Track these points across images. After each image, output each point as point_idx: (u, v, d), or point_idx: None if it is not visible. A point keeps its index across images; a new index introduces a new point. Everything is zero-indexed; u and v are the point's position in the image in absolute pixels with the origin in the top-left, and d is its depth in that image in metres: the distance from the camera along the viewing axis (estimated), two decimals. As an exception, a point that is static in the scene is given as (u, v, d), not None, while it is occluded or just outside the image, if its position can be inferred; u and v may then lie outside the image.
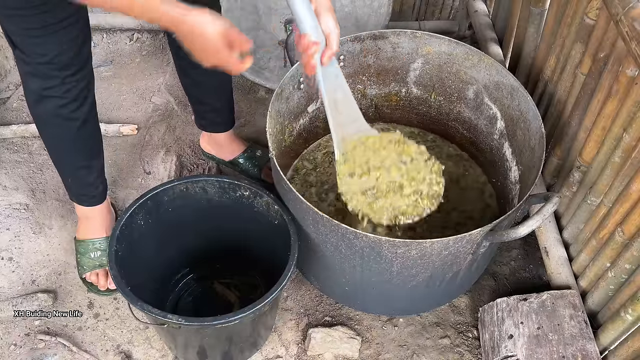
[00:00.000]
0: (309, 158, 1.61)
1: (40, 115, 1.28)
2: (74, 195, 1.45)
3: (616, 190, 1.13)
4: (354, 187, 1.21)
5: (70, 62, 1.18)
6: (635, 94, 1.02)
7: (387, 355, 1.39)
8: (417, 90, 1.57)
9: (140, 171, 1.73)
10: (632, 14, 0.96)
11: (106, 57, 2.02)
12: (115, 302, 1.46)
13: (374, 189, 1.20)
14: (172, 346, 1.33)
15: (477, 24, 1.85)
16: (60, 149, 1.35)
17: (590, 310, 1.29)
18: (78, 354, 1.37)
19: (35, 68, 1.17)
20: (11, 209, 1.61)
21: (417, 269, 1.19)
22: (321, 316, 1.45)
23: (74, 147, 1.34)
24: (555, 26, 1.33)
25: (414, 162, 1.23)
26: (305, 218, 1.21)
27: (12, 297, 1.45)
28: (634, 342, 1.12)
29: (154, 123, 1.84)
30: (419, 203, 1.20)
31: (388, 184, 1.20)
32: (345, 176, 1.22)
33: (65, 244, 1.55)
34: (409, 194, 1.20)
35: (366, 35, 1.44)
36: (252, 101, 1.93)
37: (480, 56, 1.40)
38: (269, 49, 1.82)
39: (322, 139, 1.64)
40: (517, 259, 1.57)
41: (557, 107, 1.37)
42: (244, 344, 1.31)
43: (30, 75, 1.20)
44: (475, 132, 1.54)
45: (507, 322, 1.29)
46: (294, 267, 1.17)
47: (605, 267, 1.20)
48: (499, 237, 1.11)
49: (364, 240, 1.12)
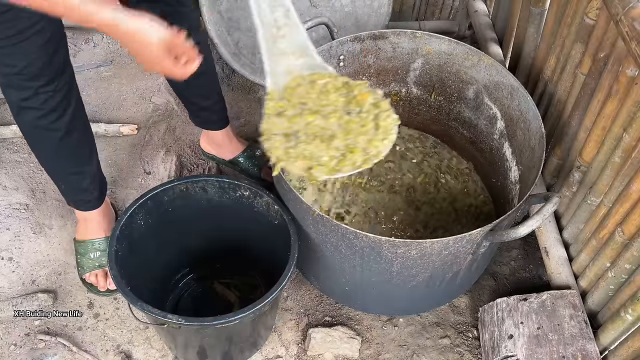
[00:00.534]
0: None
1: (21, 126, 1.25)
2: (70, 200, 1.44)
3: (616, 190, 1.13)
4: (278, 127, 1.02)
5: (40, 73, 1.13)
6: (635, 94, 1.02)
7: (387, 355, 1.39)
8: (417, 90, 1.57)
9: (140, 171, 1.73)
10: (632, 14, 0.96)
11: (106, 57, 2.02)
12: (115, 302, 1.46)
13: (299, 133, 1.00)
14: (172, 346, 1.33)
15: (477, 24, 1.85)
16: (45, 158, 1.33)
17: (590, 310, 1.29)
18: (78, 354, 1.37)
19: (8, 79, 1.14)
20: (11, 209, 1.61)
21: (417, 269, 1.19)
22: (321, 316, 1.45)
23: (59, 156, 1.31)
24: (555, 26, 1.33)
25: (361, 115, 1.02)
26: (305, 218, 1.21)
27: (12, 297, 1.45)
28: (634, 342, 1.12)
29: (154, 123, 1.84)
30: (345, 159, 0.98)
31: (318, 130, 1.00)
32: (273, 115, 1.03)
33: (65, 244, 1.55)
34: (338, 147, 0.99)
35: (366, 35, 1.44)
36: (252, 101, 1.93)
37: (480, 56, 1.40)
38: (269, 49, 1.81)
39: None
40: (517, 259, 1.57)
41: (557, 107, 1.37)
42: (244, 344, 1.31)
43: (5, 86, 1.17)
44: (475, 132, 1.54)
45: (507, 322, 1.29)
46: (294, 267, 1.17)
47: (605, 267, 1.20)
48: (499, 237, 1.11)
49: (364, 240, 1.12)
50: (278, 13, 1.00)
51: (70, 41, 2.01)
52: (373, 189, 1.55)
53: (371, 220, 1.50)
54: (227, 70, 1.99)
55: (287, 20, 1.01)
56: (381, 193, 1.55)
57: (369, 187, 1.55)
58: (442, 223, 1.50)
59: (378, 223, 1.49)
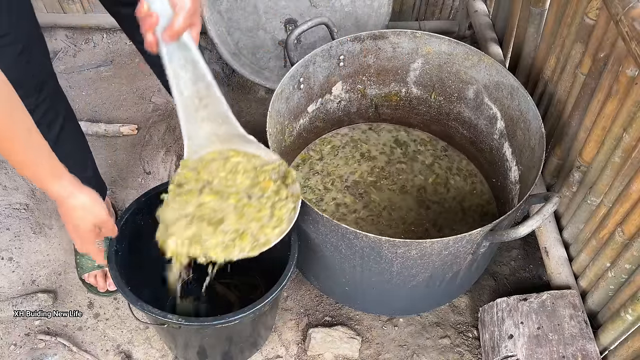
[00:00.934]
0: (315, 149, 1.64)
1: None
2: None
3: (616, 190, 1.13)
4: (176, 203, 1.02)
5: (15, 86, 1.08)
6: (635, 94, 1.02)
7: (387, 355, 1.39)
8: (417, 90, 1.57)
9: (140, 171, 1.73)
10: (632, 14, 0.96)
11: (106, 57, 2.02)
12: (115, 302, 1.46)
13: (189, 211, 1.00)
14: (172, 346, 1.33)
15: (477, 24, 1.85)
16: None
17: (590, 310, 1.29)
18: (78, 354, 1.37)
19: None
20: (11, 209, 1.62)
21: (417, 269, 1.19)
22: (321, 316, 1.45)
23: None
24: (555, 26, 1.33)
25: (261, 200, 1.02)
26: (305, 218, 1.21)
27: (12, 297, 1.45)
28: (634, 342, 1.12)
29: (154, 123, 1.84)
30: (234, 244, 0.99)
31: (210, 212, 1.00)
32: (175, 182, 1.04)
33: (65, 244, 1.55)
34: (226, 231, 0.99)
35: (366, 35, 1.44)
36: (252, 101, 1.93)
37: (480, 56, 1.40)
38: (269, 49, 1.82)
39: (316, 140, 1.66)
40: (517, 259, 1.57)
41: (557, 107, 1.37)
42: (244, 344, 1.31)
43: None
44: (475, 132, 1.54)
45: (507, 322, 1.29)
46: (294, 267, 1.17)
47: (605, 267, 1.20)
48: (499, 237, 1.11)
49: (364, 240, 1.12)
50: (200, 86, 0.99)
51: (70, 41, 2.01)
52: (385, 187, 1.56)
53: (382, 220, 1.50)
54: (227, 70, 1.99)
55: (209, 92, 1.00)
56: (393, 192, 1.56)
57: (380, 186, 1.56)
58: (449, 222, 1.51)
59: (388, 224, 1.50)
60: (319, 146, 1.64)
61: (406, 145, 1.65)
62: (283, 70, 1.83)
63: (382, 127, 1.69)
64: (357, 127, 1.69)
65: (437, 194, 1.55)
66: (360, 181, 1.57)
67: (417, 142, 1.66)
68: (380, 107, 1.64)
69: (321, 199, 1.53)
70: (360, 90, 1.58)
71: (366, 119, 1.68)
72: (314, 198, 1.54)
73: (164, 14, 0.89)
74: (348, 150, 1.63)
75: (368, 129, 1.68)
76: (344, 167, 1.59)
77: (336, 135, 1.66)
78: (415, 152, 1.64)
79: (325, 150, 1.63)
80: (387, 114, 1.66)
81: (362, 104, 1.61)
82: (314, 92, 1.49)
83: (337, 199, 1.53)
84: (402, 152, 1.63)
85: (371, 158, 1.62)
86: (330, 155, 1.62)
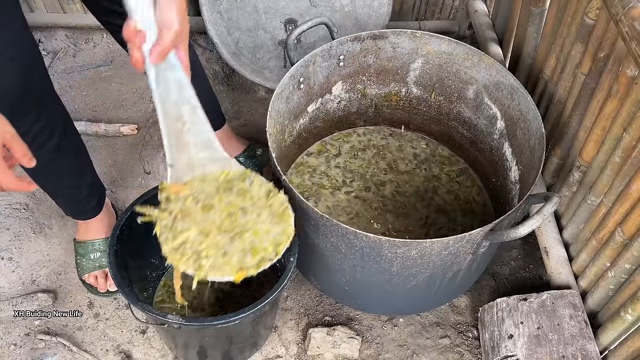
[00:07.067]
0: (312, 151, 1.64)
1: None
2: (68, 212, 1.44)
3: (616, 190, 1.13)
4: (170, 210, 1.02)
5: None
6: (635, 94, 1.02)
7: (387, 355, 1.39)
8: (417, 90, 1.57)
9: (140, 171, 1.73)
10: (632, 14, 0.96)
11: (106, 57, 2.02)
12: (115, 302, 1.46)
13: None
14: (172, 346, 1.33)
15: (477, 24, 1.85)
16: (36, 178, 1.23)
17: (590, 310, 1.29)
18: (78, 354, 1.37)
19: None
20: (11, 209, 1.62)
21: (417, 268, 1.19)
22: (321, 316, 1.45)
23: (49, 177, 1.27)
24: (555, 26, 1.33)
25: (253, 215, 1.03)
26: (305, 218, 1.21)
27: (12, 297, 1.45)
28: (634, 342, 1.12)
29: (154, 123, 1.84)
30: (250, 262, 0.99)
31: (214, 243, 0.99)
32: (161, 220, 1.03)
33: (65, 244, 1.55)
34: (239, 251, 0.99)
35: (366, 35, 1.44)
36: (252, 101, 1.93)
37: (480, 56, 1.40)
38: (269, 49, 1.82)
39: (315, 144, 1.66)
40: (517, 259, 1.57)
41: (557, 107, 1.37)
42: (244, 344, 1.31)
43: None
44: (475, 132, 1.54)
45: (507, 322, 1.29)
46: (294, 267, 1.17)
47: (605, 267, 1.20)
48: (499, 237, 1.11)
49: (364, 240, 1.12)
50: (184, 109, 0.97)
51: (70, 41, 2.01)
52: (387, 186, 1.57)
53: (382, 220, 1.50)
54: (227, 70, 1.99)
55: (193, 116, 0.98)
56: (394, 192, 1.56)
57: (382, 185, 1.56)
58: (449, 222, 1.51)
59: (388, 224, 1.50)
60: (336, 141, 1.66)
61: (418, 156, 1.65)
62: (283, 70, 1.83)
63: (384, 132, 1.69)
64: (381, 130, 1.70)
65: (437, 194, 1.55)
66: (364, 179, 1.57)
67: (437, 157, 1.66)
68: (380, 107, 1.64)
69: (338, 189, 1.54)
70: (360, 90, 1.58)
71: (366, 119, 1.68)
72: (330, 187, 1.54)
73: (151, 33, 0.88)
74: (364, 153, 1.64)
75: (389, 134, 1.69)
76: (352, 165, 1.60)
77: (352, 134, 1.68)
78: (423, 161, 1.64)
79: (344, 148, 1.64)
80: (387, 114, 1.66)
81: (362, 103, 1.62)
82: (314, 92, 1.49)
83: (337, 199, 1.53)
84: (414, 160, 1.64)
85: (380, 157, 1.63)
86: (348, 155, 1.63)
